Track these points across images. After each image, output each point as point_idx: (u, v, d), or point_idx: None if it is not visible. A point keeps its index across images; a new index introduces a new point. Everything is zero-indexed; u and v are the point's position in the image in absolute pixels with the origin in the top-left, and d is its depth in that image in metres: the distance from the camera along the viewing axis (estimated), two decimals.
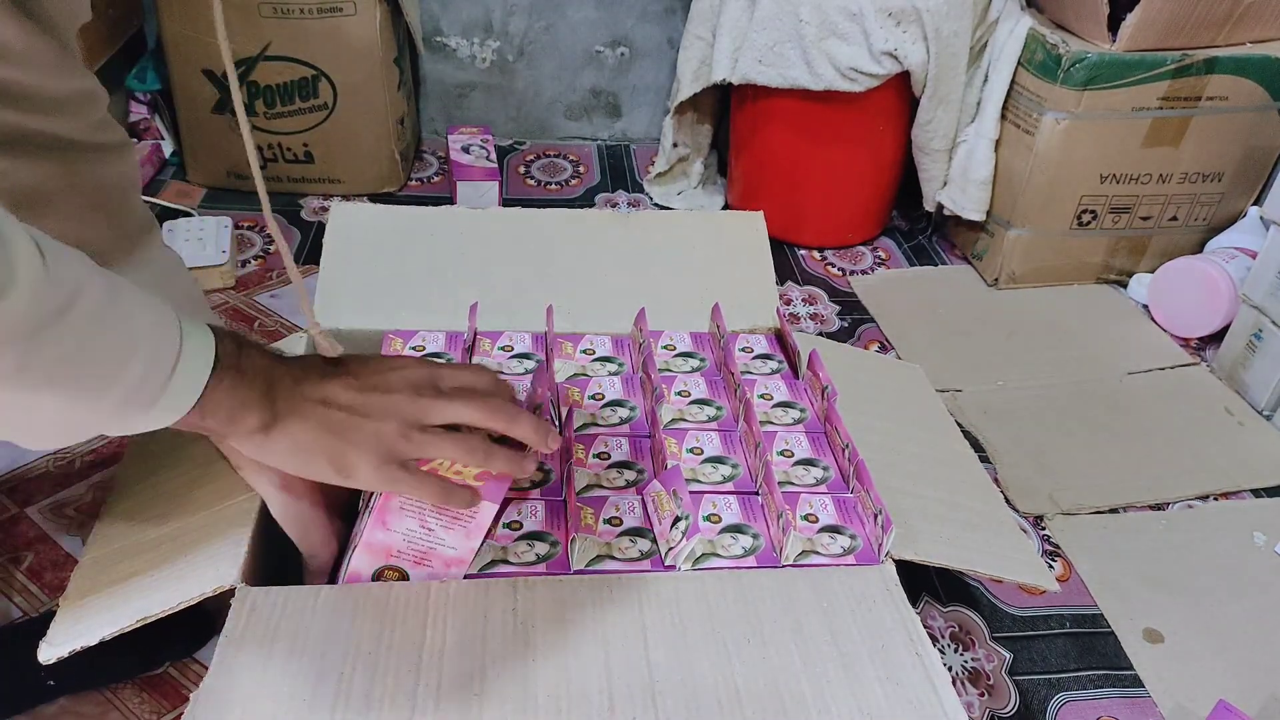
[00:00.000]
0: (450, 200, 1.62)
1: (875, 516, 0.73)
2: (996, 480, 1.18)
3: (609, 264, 0.99)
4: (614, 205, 1.75)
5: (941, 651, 0.98)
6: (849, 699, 0.61)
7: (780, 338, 0.98)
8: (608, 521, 0.73)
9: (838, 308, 1.52)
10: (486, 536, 0.69)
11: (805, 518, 0.75)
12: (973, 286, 1.60)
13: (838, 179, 1.60)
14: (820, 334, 1.45)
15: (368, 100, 1.60)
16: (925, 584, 1.05)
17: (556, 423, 0.82)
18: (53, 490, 1.03)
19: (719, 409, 0.85)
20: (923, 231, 1.73)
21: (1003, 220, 1.56)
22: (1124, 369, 1.42)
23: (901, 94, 1.50)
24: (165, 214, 1.54)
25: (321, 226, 1.26)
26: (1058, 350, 1.45)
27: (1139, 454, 1.26)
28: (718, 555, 0.71)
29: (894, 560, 0.72)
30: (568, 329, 0.94)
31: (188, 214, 1.54)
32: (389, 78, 1.60)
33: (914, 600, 1.02)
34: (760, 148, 1.62)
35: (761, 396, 0.89)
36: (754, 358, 0.94)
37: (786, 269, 1.61)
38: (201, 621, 0.83)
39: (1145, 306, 1.56)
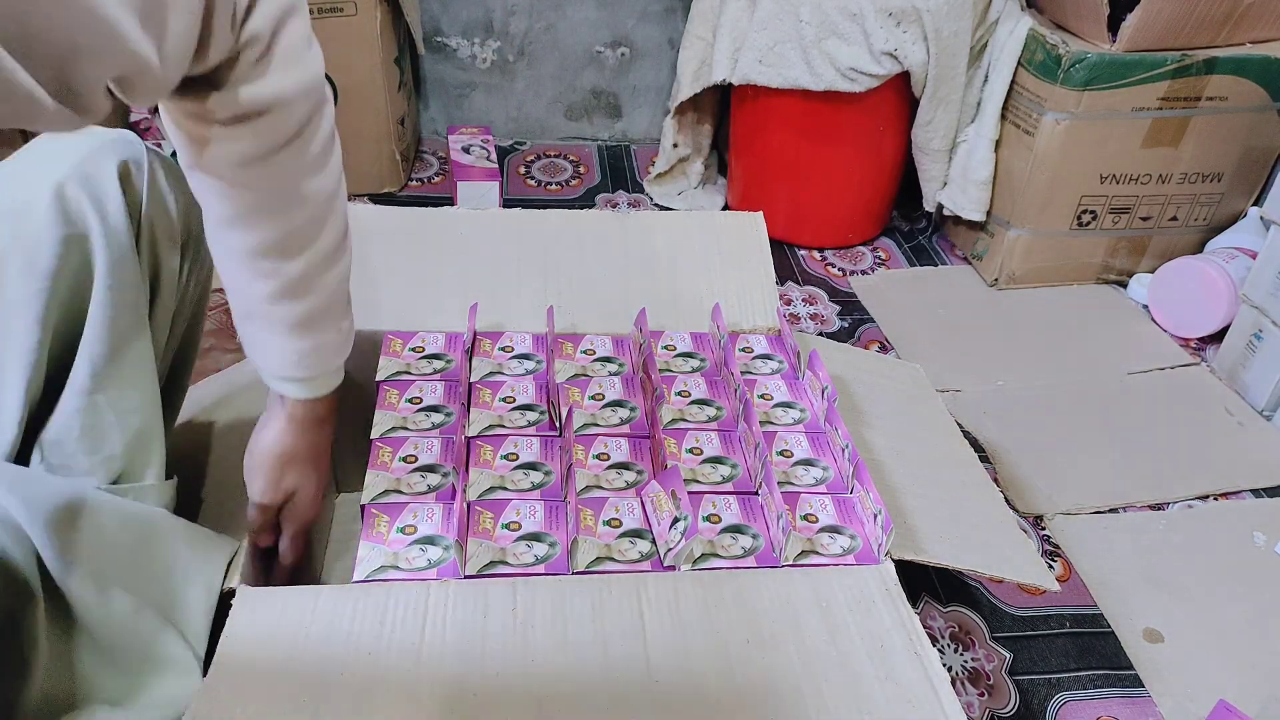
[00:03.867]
0: (451, 201, 1.62)
1: (875, 517, 0.73)
2: (996, 480, 1.18)
3: (609, 264, 0.99)
4: (614, 205, 1.75)
5: (941, 651, 0.98)
6: (848, 699, 0.61)
7: (780, 338, 0.98)
8: (607, 523, 0.73)
9: (838, 308, 1.52)
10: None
11: (805, 518, 0.75)
12: (973, 286, 1.60)
13: (838, 179, 1.60)
14: (820, 334, 1.45)
15: (368, 100, 1.60)
16: (925, 584, 1.05)
17: (557, 423, 0.82)
18: None
19: (719, 409, 0.86)
20: (923, 231, 1.73)
21: (1003, 220, 1.56)
22: (1124, 369, 1.42)
23: (901, 94, 1.50)
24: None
25: None
26: (1058, 350, 1.45)
27: (1139, 454, 1.26)
28: (717, 555, 0.71)
29: (894, 560, 0.72)
30: (568, 329, 0.94)
31: None
32: (389, 78, 1.61)
33: (914, 600, 1.02)
34: (760, 148, 1.62)
35: (762, 397, 0.89)
36: (754, 358, 0.94)
37: (786, 269, 1.61)
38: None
39: (1145, 306, 1.56)
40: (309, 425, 0.72)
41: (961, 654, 0.98)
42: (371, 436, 0.79)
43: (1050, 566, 1.08)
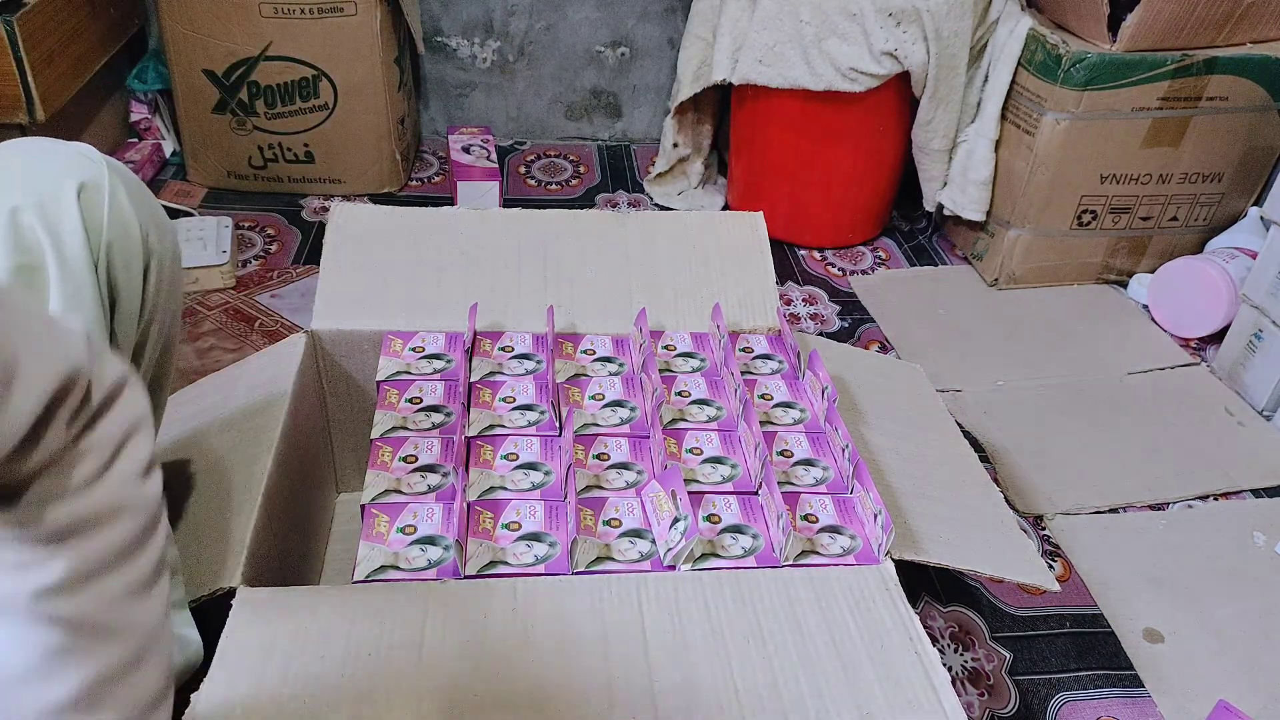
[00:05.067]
0: (451, 200, 1.62)
1: (875, 517, 0.73)
2: (996, 480, 1.18)
3: (609, 264, 0.99)
4: (614, 205, 1.75)
5: (941, 651, 0.98)
6: (848, 699, 0.61)
7: (780, 338, 0.98)
8: (607, 523, 0.73)
9: (838, 308, 1.52)
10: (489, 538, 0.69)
11: (805, 518, 0.75)
12: (973, 286, 1.60)
13: (838, 179, 1.60)
14: (820, 334, 1.45)
15: (368, 100, 1.60)
16: (925, 584, 1.05)
17: (557, 423, 0.82)
18: None
19: (719, 409, 0.86)
20: (923, 231, 1.73)
21: (1003, 220, 1.56)
22: (1124, 369, 1.42)
23: (901, 94, 1.50)
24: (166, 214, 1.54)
25: (322, 226, 1.26)
26: (1058, 350, 1.45)
27: (1139, 454, 1.26)
28: (717, 555, 0.71)
29: (894, 560, 0.72)
30: (568, 329, 0.94)
31: (188, 214, 1.54)
32: (389, 78, 1.61)
33: (914, 600, 1.02)
34: (760, 148, 1.62)
35: (762, 397, 0.89)
36: (754, 358, 0.94)
37: (787, 269, 1.61)
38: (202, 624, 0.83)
39: (1145, 306, 1.56)
40: None
41: (961, 654, 0.98)
42: (371, 436, 0.79)
43: (1050, 566, 1.08)
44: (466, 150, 1.66)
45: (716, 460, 0.80)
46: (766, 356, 0.95)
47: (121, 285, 0.65)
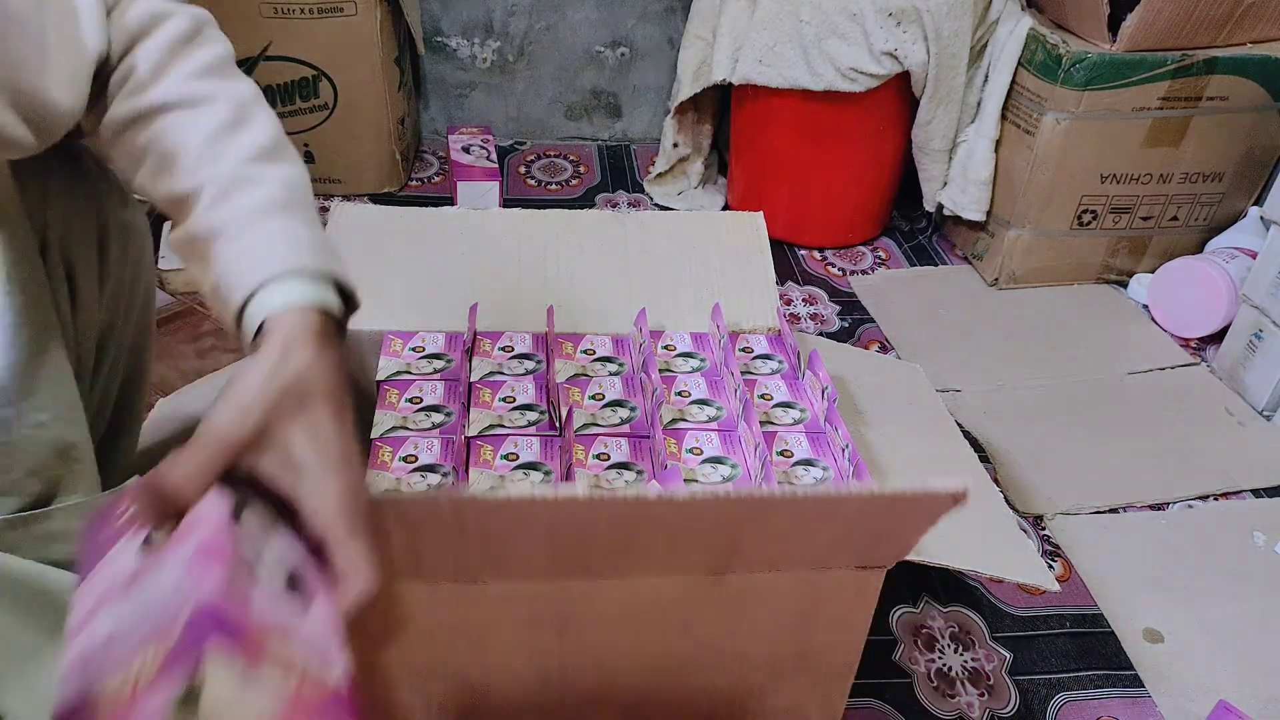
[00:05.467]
0: (451, 200, 1.62)
1: None
2: (996, 480, 1.18)
3: (609, 264, 0.99)
4: (614, 205, 1.75)
5: (941, 652, 0.98)
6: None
7: (780, 338, 0.98)
8: None
9: (838, 308, 1.52)
10: None
11: None
12: (973, 286, 1.60)
13: (838, 179, 1.60)
14: (820, 334, 1.45)
15: (368, 100, 1.60)
16: (925, 584, 1.05)
17: (557, 423, 0.82)
18: None
19: (719, 409, 0.85)
20: (923, 231, 1.73)
21: (1003, 220, 1.56)
22: (1124, 369, 1.42)
23: (901, 94, 1.50)
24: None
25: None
26: (1058, 350, 1.45)
27: (1139, 454, 1.26)
28: None
29: None
30: (568, 329, 0.94)
31: None
32: (389, 78, 1.61)
33: (914, 600, 1.02)
34: (760, 148, 1.62)
35: (762, 397, 0.89)
36: (754, 358, 0.94)
37: (787, 269, 1.61)
38: None
39: (1145, 306, 1.56)
40: (329, 348, 0.48)
41: (961, 654, 0.98)
42: (371, 436, 0.79)
43: (1050, 566, 1.08)
44: (466, 150, 1.66)
45: (716, 460, 0.80)
46: (766, 356, 0.94)
47: (78, 259, 0.66)
